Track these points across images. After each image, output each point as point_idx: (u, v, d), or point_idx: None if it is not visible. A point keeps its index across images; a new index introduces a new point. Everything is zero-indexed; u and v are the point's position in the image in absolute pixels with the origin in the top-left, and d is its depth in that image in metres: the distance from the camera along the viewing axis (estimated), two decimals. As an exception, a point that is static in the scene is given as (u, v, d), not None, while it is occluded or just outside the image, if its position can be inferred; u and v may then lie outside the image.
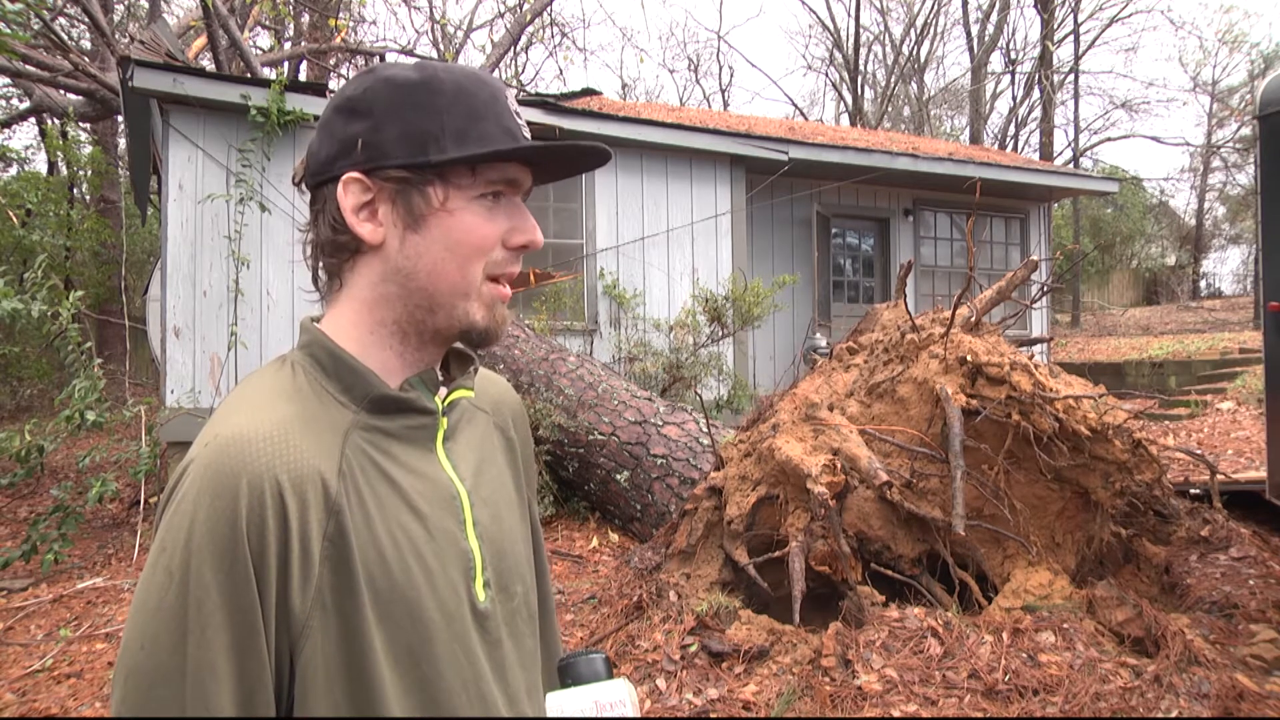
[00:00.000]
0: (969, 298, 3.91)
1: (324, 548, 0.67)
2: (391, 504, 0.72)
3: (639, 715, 0.69)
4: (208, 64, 10.69)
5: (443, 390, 0.81)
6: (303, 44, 13.80)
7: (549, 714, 0.71)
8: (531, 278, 7.14)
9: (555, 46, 19.23)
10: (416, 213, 0.76)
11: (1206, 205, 26.11)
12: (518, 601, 0.82)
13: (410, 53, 14.89)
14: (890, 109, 25.04)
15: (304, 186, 0.80)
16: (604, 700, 0.70)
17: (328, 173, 0.77)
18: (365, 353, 0.77)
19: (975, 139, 22.57)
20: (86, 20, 10.12)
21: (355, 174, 0.75)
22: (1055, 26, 20.45)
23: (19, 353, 10.72)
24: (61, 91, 10.84)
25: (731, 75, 42.58)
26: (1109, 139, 24.14)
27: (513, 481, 0.89)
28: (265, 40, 14.24)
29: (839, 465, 3.34)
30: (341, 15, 13.52)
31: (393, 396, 0.75)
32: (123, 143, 12.97)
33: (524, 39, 15.76)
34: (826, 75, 27.43)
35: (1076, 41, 21.62)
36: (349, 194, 0.75)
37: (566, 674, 0.74)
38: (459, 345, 0.84)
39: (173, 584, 0.63)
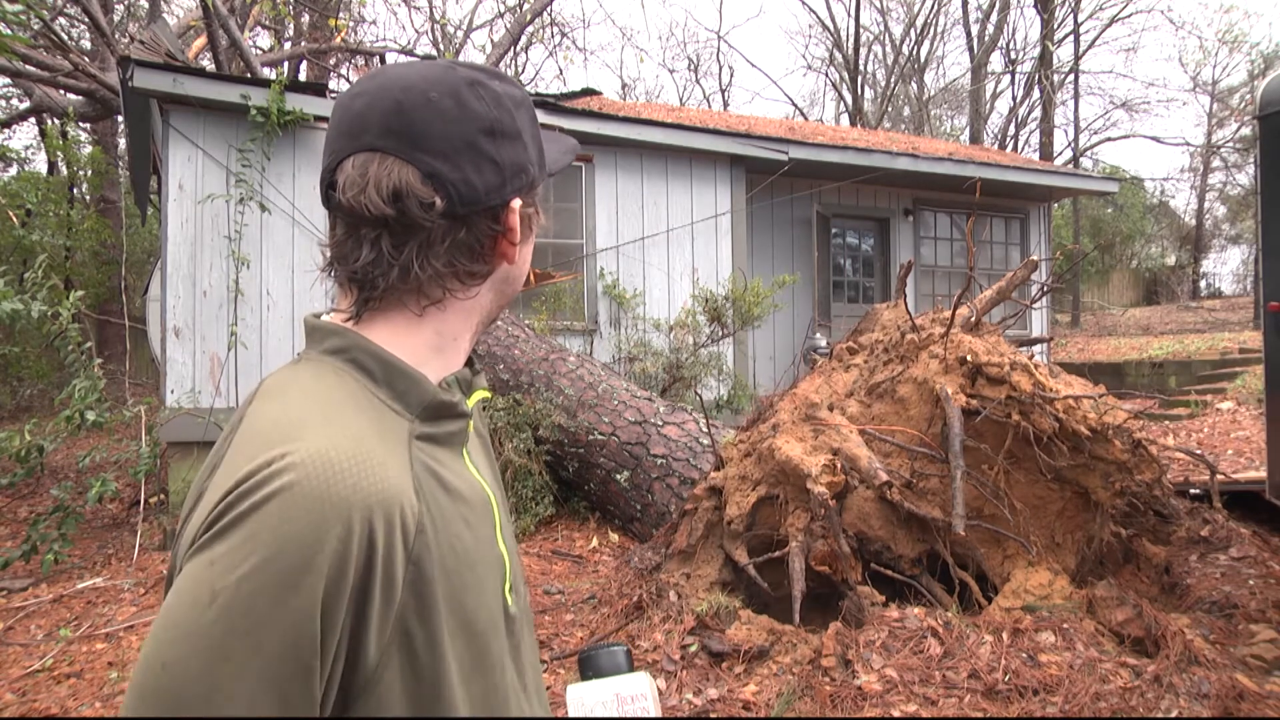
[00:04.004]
0: (969, 298, 3.92)
1: (408, 571, 0.63)
2: (450, 514, 0.70)
3: (659, 708, 0.69)
4: (208, 64, 10.69)
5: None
6: (303, 44, 13.80)
7: (569, 704, 0.70)
8: (531, 278, 7.14)
9: (555, 46, 19.24)
10: (531, 225, 0.81)
11: (1206, 205, 26.13)
12: (524, 601, 0.83)
13: (410, 53, 14.89)
14: (890, 109, 25.05)
15: (441, 214, 0.71)
16: (625, 693, 0.69)
17: (491, 201, 0.73)
18: (425, 358, 0.75)
19: (975, 139, 22.57)
20: (86, 20, 10.12)
21: (519, 199, 0.76)
22: (1055, 26, 20.45)
23: (19, 353, 10.71)
24: (61, 91, 10.84)
25: (731, 75, 42.60)
26: (1109, 139, 24.16)
27: (495, 478, 0.89)
28: (265, 40, 14.24)
29: (839, 465, 3.34)
30: (341, 15, 13.52)
31: (445, 401, 0.74)
32: (123, 143, 12.98)
33: (524, 39, 15.76)
34: (826, 75, 27.46)
35: (1076, 41, 21.64)
36: (519, 221, 0.76)
37: (587, 666, 0.73)
38: None
39: (214, 604, 0.56)
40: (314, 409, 0.67)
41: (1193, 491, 4.27)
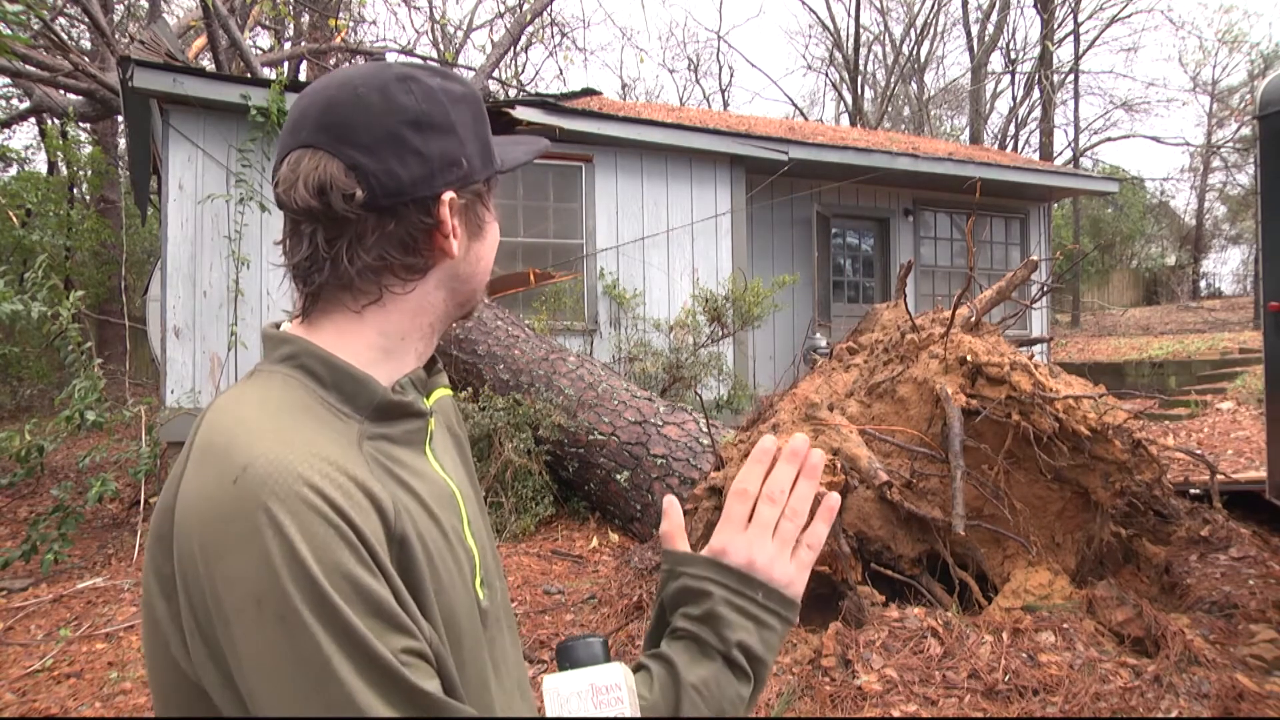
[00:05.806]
0: (969, 298, 3.92)
1: (392, 550, 0.65)
2: (414, 509, 0.70)
3: (634, 699, 0.70)
4: (208, 64, 10.69)
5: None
6: (303, 44, 13.81)
7: (545, 695, 0.72)
8: (531, 278, 7.14)
9: (555, 46, 19.22)
10: (479, 221, 0.80)
11: (1206, 205, 26.13)
12: (500, 597, 0.83)
13: (410, 53, 14.89)
14: (890, 109, 25.05)
15: (362, 205, 0.71)
16: (600, 683, 0.70)
17: (418, 192, 0.73)
18: (373, 360, 0.75)
19: (975, 139, 22.57)
20: (86, 20, 10.13)
21: (452, 192, 0.75)
22: (1055, 26, 20.45)
23: (19, 353, 10.71)
24: (61, 91, 10.84)
25: (731, 75, 42.64)
26: (1109, 139, 24.16)
27: (469, 476, 0.89)
28: (265, 40, 14.25)
29: (839, 465, 3.34)
30: (341, 15, 13.53)
31: (396, 401, 0.74)
32: (123, 143, 12.97)
33: (524, 39, 15.76)
34: (826, 75, 27.45)
35: (1076, 41, 21.63)
36: (451, 212, 0.75)
37: (564, 656, 0.74)
38: None
39: (299, 619, 0.57)
40: (264, 420, 0.67)
41: (1193, 491, 4.27)
